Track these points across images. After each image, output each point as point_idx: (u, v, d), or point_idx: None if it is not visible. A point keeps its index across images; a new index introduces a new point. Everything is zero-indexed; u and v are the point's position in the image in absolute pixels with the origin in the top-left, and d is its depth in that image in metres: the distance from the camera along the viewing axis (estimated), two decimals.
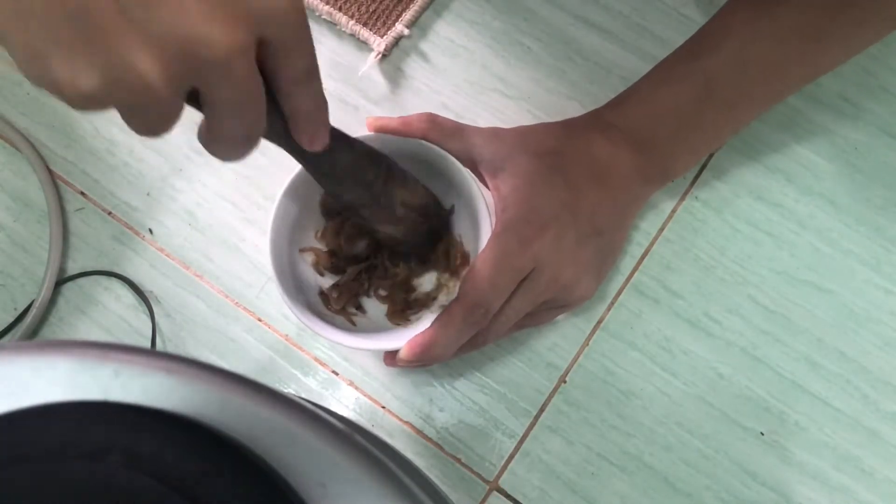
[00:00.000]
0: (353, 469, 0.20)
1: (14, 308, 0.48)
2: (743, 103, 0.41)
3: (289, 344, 0.47)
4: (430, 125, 0.40)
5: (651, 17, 0.49)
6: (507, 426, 0.45)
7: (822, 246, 0.46)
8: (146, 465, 0.19)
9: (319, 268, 0.43)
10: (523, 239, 0.37)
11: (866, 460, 0.43)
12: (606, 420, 0.45)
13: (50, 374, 0.20)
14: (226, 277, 0.48)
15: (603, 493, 0.44)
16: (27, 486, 0.18)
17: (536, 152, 0.39)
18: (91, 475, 0.18)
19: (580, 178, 0.39)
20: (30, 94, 0.51)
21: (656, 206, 0.47)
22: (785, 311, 0.45)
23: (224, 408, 0.20)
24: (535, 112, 0.48)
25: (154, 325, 0.47)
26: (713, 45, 0.40)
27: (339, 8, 0.49)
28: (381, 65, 0.49)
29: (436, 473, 0.45)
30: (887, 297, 0.45)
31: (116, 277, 0.48)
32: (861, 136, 0.47)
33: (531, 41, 0.49)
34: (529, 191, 0.38)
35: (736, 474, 0.44)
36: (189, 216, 0.49)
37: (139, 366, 0.20)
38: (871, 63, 0.47)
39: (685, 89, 0.40)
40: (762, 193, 0.47)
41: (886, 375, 0.44)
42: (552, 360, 0.46)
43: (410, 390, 0.46)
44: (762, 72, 0.39)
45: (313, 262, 0.43)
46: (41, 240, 0.49)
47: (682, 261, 0.46)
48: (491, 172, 0.40)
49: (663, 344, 0.45)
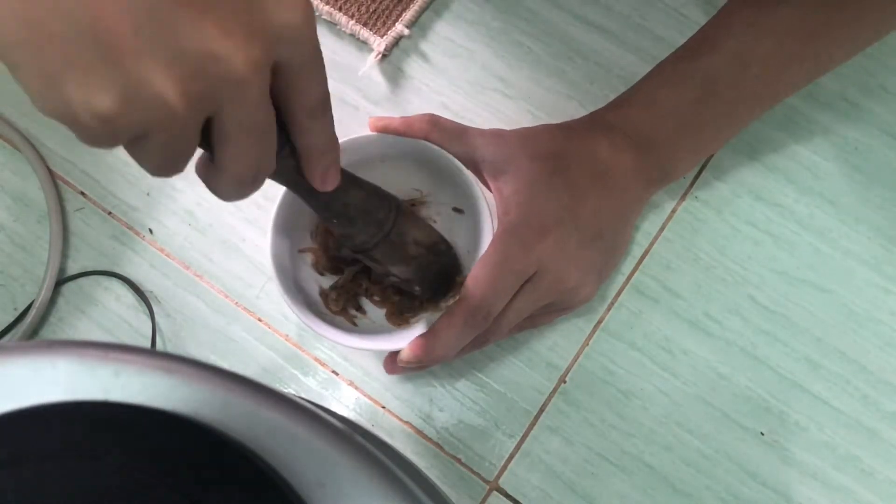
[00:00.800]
0: (353, 469, 0.20)
1: (14, 308, 0.48)
2: (743, 103, 0.40)
3: (289, 344, 0.47)
4: (433, 126, 0.40)
5: (651, 16, 0.49)
6: (507, 426, 0.45)
7: (822, 246, 0.46)
8: (146, 465, 0.19)
9: (319, 268, 0.43)
10: (525, 242, 0.37)
11: (866, 460, 0.44)
12: (606, 420, 0.45)
13: (50, 374, 0.20)
14: (226, 277, 0.48)
15: (603, 493, 0.44)
16: (27, 486, 0.18)
17: (538, 155, 0.39)
18: (91, 475, 0.18)
19: (582, 180, 0.39)
20: None
21: (656, 206, 0.47)
22: (785, 311, 0.45)
23: (224, 408, 0.20)
24: (535, 112, 0.48)
25: (154, 325, 0.47)
26: (713, 45, 0.40)
27: (339, 8, 0.49)
28: (381, 65, 0.49)
29: (436, 473, 0.45)
30: (887, 297, 0.45)
31: (116, 277, 0.48)
32: (861, 136, 0.47)
33: (531, 41, 0.49)
34: (531, 194, 0.38)
35: (736, 474, 0.44)
36: (189, 216, 0.49)
37: (139, 366, 0.20)
38: (871, 63, 0.47)
39: (685, 90, 0.40)
40: (762, 193, 0.47)
41: (886, 375, 0.44)
42: (552, 360, 0.46)
43: (410, 390, 0.46)
44: (763, 72, 0.39)
45: (313, 262, 0.43)
46: (41, 240, 0.49)
47: (682, 261, 0.46)
48: (493, 175, 0.40)
49: (663, 344, 0.45)
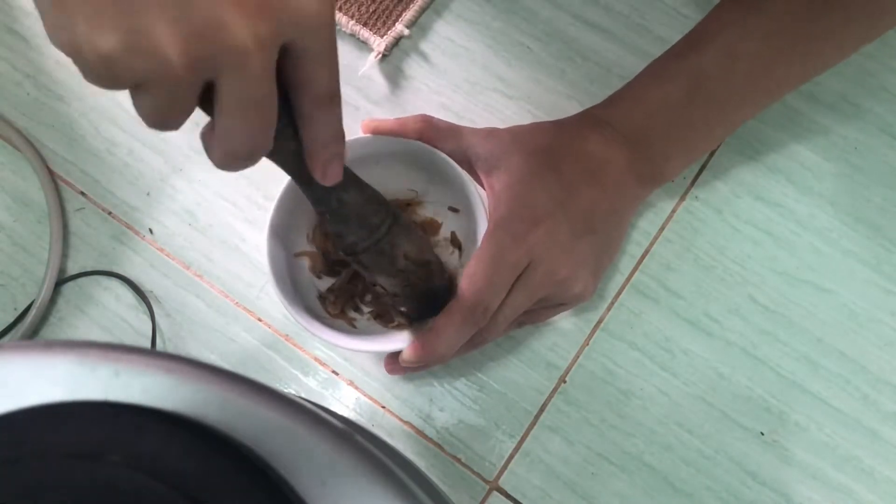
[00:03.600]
0: (354, 469, 0.20)
1: (14, 308, 0.48)
2: (733, 101, 0.41)
3: (289, 344, 0.47)
4: (426, 126, 0.41)
5: (651, 16, 0.49)
6: (507, 426, 0.45)
7: (822, 246, 0.46)
8: (147, 465, 0.19)
9: (316, 271, 0.43)
10: (517, 234, 0.37)
11: (866, 460, 0.44)
12: (606, 420, 0.45)
13: (50, 374, 0.20)
14: (226, 277, 0.48)
15: (603, 493, 0.44)
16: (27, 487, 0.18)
17: (530, 150, 0.39)
18: (91, 475, 0.18)
19: (573, 175, 0.39)
20: (30, 95, 0.51)
21: (656, 206, 0.47)
22: (785, 311, 0.45)
23: (224, 407, 0.20)
24: (535, 112, 0.48)
25: (154, 325, 0.47)
26: (703, 43, 0.40)
27: (339, 8, 0.49)
28: (381, 65, 0.49)
29: (436, 473, 0.45)
30: (887, 297, 0.45)
31: (116, 277, 0.48)
32: (861, 136, 0.47)
33: (531, 41, 0.49)
34: (522, 188, 0.38)
35: (736, 474, 0.44)
36: (189, 216, 0.49)
37: (139, 366, 0.20)
38: (871, 63, 0.47)
39: (675, 87, 0.40)
40: (762, 193, 0.47)
41: (886, 375, 0.44)
42: (552, 360, 0.46)
43: (410, 390, 0.46)
44: (751, 69, 0.39)
45: (310, 266, 0.43)
46: (41, 240, 0.49)
47: (682, 261, 0.46)
48: (486, 171, 0.40)
49: (663, 344, 0.45)
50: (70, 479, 0.18)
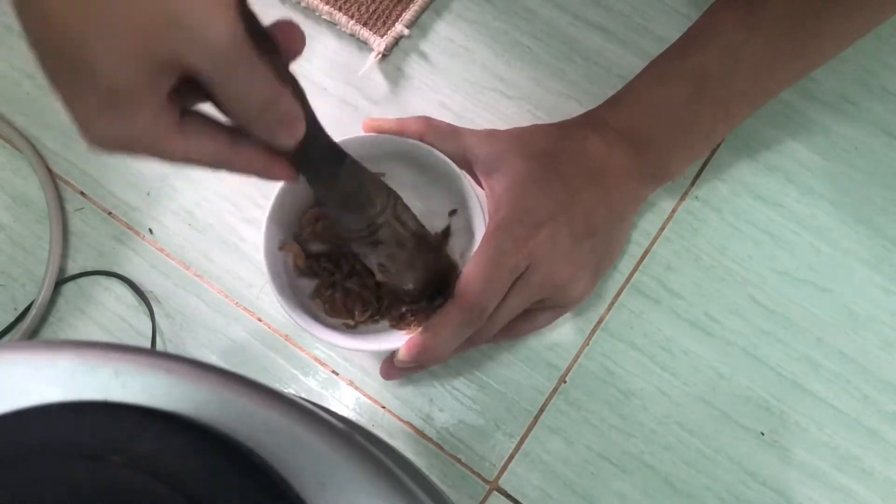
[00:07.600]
0: (353, 469, 0.20)
1: (14, 308, 0.48)
2: (735, 100, 0.41)
3: (289, 344, 0.47)
4: (426, 127, 0.41)
5: (651, 16, 0.49)
6: (507, 426, 0.45)
7: (822, 246, 0.46)
8: (146, 464, 0.19)
9: (297, 270, 0.42)
10: (517, 238, 0.37)
11: (866, 460, 0.43)
12: (606, 420, 0.45)
13: (50, 374, 0.20)
14: (226, 277, 0.48)
15: (603, 493, 0.44)
16: (28, 486, 0.18)
17: (531, 153, 0.39)
18: (91, 475, 0.18)
19: (575, 177, 0.39)
20: (29, 94, 0.51)
21: (656, 206, 0.47)
22: (785, 310, 0.45)
23: (224, 408, 0.20)
24: (535, 112, 0.48)
25: (154, 325, 0.47)
26: (704, 42, 0.40)
27: (339, 8, 0.49)
28: (381, 65, 0.49)
29: (436, 473, 0.45)
30: (887, 297, 0.45)
31: (116, 277, 0.48)
32: (861, 135, 0.47)
33: (531, 41, 0.49)
34: (523, 191, 0.38)
35: (736, 474, 0.44)
36: (189, 216, 0.48)
37: (139, 366, 0.20)
38: (870, 62, 0.47)
39: (677, 87, 0.40)
40: (762, 193, 0.47)
41: (886, 375, 0.44)
42: (552, 360, 0.46)
43: (410, 390, 0.46)
44: (753, 68, 0.39)
45: (292, 263, 0.42)
46: (41, 240, 0.49)
47: (682, 261, 0.46)
48: (485, 173, 0.40)
49: (663, 344, 0.45)
50: (70, 479, 0.18)
